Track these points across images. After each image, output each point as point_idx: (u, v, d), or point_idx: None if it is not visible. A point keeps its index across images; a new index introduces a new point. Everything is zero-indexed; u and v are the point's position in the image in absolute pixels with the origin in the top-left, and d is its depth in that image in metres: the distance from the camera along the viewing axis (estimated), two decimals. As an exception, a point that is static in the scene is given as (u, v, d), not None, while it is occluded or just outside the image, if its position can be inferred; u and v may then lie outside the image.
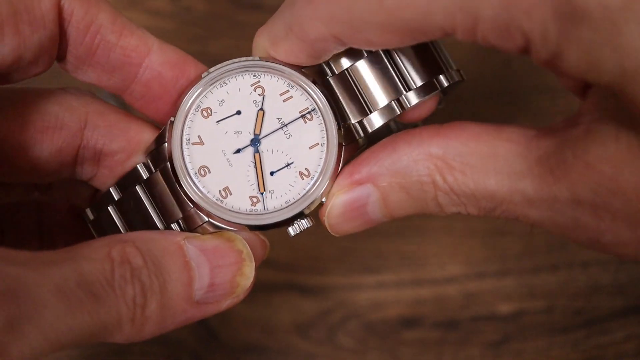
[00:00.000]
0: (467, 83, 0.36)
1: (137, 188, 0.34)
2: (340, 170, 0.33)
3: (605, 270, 0.51)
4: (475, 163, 0.31)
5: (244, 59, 0.34)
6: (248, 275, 0.33)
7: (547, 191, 0.30)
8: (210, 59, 0.38)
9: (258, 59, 0.33)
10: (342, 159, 0.33)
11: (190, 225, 0.33)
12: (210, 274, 0.32)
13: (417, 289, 0.50)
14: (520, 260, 0.51)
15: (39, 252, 0.28)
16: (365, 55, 0.34)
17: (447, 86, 0.34)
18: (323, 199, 0.33)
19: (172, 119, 0.33)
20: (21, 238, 0.39)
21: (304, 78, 0.33)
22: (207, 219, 0.33)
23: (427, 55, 0.34)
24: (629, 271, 0.51)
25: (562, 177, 0.29)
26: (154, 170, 0.33)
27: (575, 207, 0.29)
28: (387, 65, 0.34)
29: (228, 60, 0.34)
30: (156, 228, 0.34)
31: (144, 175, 0.34)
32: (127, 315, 0.29)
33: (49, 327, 0.26)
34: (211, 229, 0.33)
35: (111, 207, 0.35)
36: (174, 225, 0.33)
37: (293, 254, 0.50)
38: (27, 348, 0.26)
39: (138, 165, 0.34)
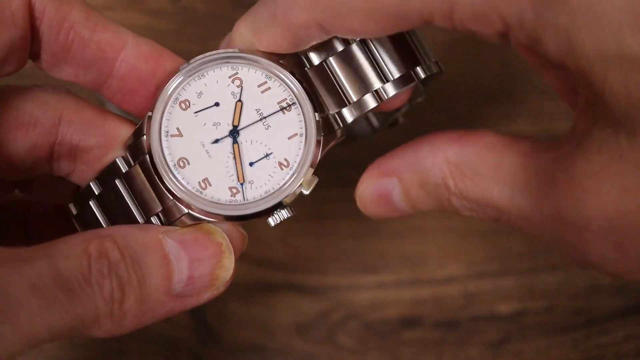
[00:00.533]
0: (466, 84, 0.36)
1: (117, 182, 0.34)
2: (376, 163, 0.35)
3: (605, 270, 0.51)
4: (483, 172, 0.32)
5: (221, 51, 0.34)
6: (227, 267, 0.33)
7: (536, 207, 0.30)
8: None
9: (236, 50, 0.34)
10: (321, 148, 0.33)
11: (169, 218, 0.33)
12: (189, 267, 0.32)
13: (417, 289, 0.50)
14: (520, 260, 0.51)
15: (15, 248, 0.28)
16: (343, 47, 0.34)
17: (425, 78, 0.34)
18: (302, 189, 0.33)
19: (150, 112, 0.33)
20: (6, 236, 0.39)
21: (282, 69, 0.33)
22: (186, 211, 0.33)
23: (404, 48, 0.34)
24: (629, 271, 0.51)
25: (549, 193, 0.30)
26: (132, 164, 0.33)
27: (560, 225, 0.30)
28: (364, 58, 0.34)
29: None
30: (136, 222, 0.34)
31: (123, 168, 0.34)
32: (105, 310, 0.29)
33: (24, 324, 0.26)
34: (190, 222, 0.33)
35: (92, 201, 0.35)
36: (153, 219, 0.33)
37: (293, 254, 0.50)
38: (1, 345, 0.26)
39: (117, 159, 0.34)
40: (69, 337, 0.29)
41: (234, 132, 0.33)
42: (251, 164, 0.33)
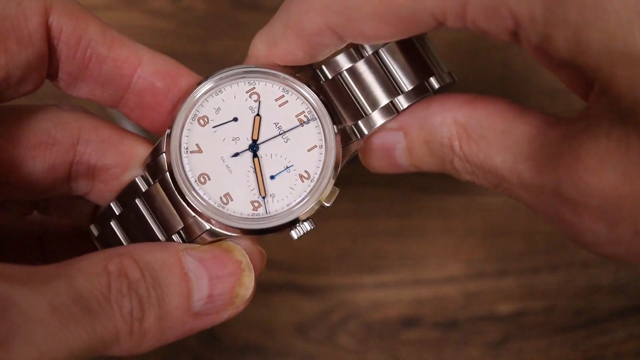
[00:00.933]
0: (466, 84, 0.36)
1: (137, 201, 0.34)
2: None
3: (605, 270, 0.51)
4: (490, 137, 0.32)
5: (238, 66, 0.34)
6: (247, 285, 0.33)
7: (537, 179, 0.31)
8: (210, 59, 0.38)
9: (252, 65, 0.34)
10: (342, 159, 0.33)
11: (190, 236, 0.33)
12: (209, 285, 0.32)
13: (417, 289, 0.50)
14: (520, 260, 0.51)
15: (34, 267, 0.28)
16: (357, 59, 0.34)
17: (438, 89, 0.34)
18: (324, 202, 0.33)
19: (168, 130, 0.33)
20: (24, 257, 0.39)
21: (298, 82, 0.34)
22: (207, 227, 0.33)
23: (417, 59, 0.34)
24: (629, 271, 0.51)
25: (553, 168, 0.30)
26: (152, 183, 0.33)
27: (557, 200, 0.30)
28: (378, 70, 0.34)
29: (225, 66, 0.34)
30: (157, 240, 0.34)
31: (143, 188, 0.34)
32: (125, 329, 0.29)
33: (42, 343, 0.26)
34: (210, 239, 0.33)
35: (113, 222, 0.35)
36: (174, 237, 0.33)
37: (293, 254, 0.50)
38: None
39: (137, 179, 0.34)
40: (89, 356, 0.28)
41: (254, 146, 0.33)
42: (272, 177, 0.33)
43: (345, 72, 0.34)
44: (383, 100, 0.34)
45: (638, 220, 0.28)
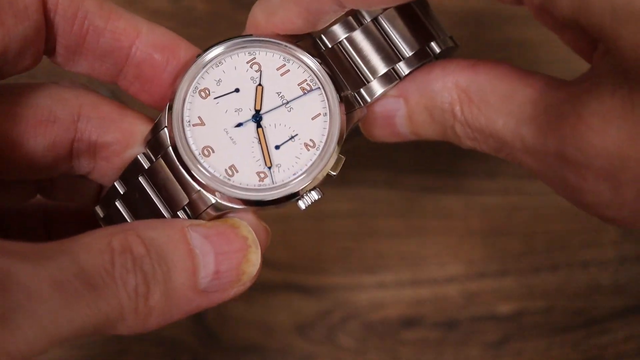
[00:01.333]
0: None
1: (140, 179, 0.33)
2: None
3: (605, 270, 0.51)
4: (492, 101, 0.32)
5: (236, 37, 0.34)
6: (254, 262, 0.32)
7: (541, 142, 0.30)
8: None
9: (251, 35, 0.33)
10: (346, 126, 0.33)
11: (195, 211, 0.33)
12: (215, 261, 0.31)
13: (417, 289, 0.50)
14: (520, 260, 0.51)
15: (35, 243, 0.28)
16: (357, 27, 0.34)
17: (440, 52, 0.34)
18: (330, 170, 0.33)
19: (169, 104, 0.33)
20: (27, 240, 0.38)
21: (299, 50, 0.33)
22: (212, 201, 0.32)
23: (417, 24, 0.34)
24: (629, 271, 0.51)
25: (556, 129, 0.29)
26: (154, 159, 0.33)
27: (561, 162, 0.30)
28: (378, 37, 0.34)
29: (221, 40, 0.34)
30: (163, 217, 0.33)
31: (145, 165, 0.33)
32: (130, 305, 0.28)
33: (46, 320, 0.26)
34: (215, 213, 0.33)
35: (118, 201, 0.34)
36: (180, 213, 0.33)
37: (293, 254, 0.50)
38: (22, 341, 0.25)
39: (138, 156, 0.34)
40: (93, 334, 0.28)
41: (257, 117, 0.33)
42: (277, 147, 0.33)
43: (344, 40, 0.34)
44: (383, 67, 0.34)
45: None
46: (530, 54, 0.51)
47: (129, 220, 0.34)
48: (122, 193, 0.34)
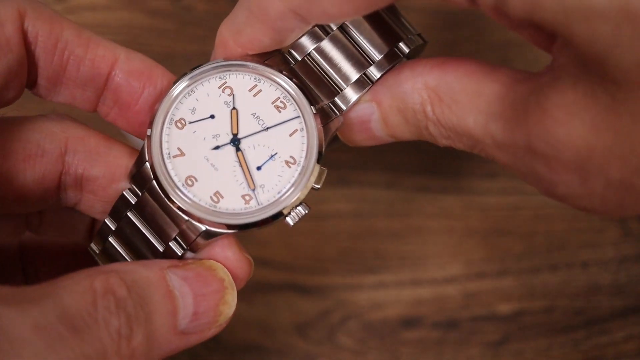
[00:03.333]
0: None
1: (129, 214, 0.34)
2: None
3: (605, 270, 0.51)
4: (461, 99, 0.32)
5: (205, 64, 0.34)
6: (230, 303, 0.33)
7: (510, 137, 0.30)
8: (210, 58, 0.38)
9: (220, 60, 0.34)
10: (325, 138, 0.33)
11: (187, 241, 0.33)
12: (194, 303, 0.32)
13: (417, 289, 0.50)
14: (520, 260, 0.51)
15: (18, 287, 0.27)
16: (324, 37, 0.34)
17: (409, 52, 0.34)
18: (314, 184, 0.33)
19: (147, 136, 0.33)
20: (3, 275, 0.38)
21: (268, 69, 0.33)
22: (203, 229, 0.33)
23: (383, 26, 0.34)
24: (629, 271, 0.51)
25: (523, 124, 0.30)
26: (140, 194, 0.33)
27: (531, 156, 0.30)
28: (346, 44, 0.34)
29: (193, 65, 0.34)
30: (156, 250, 0.34)
31: (132, 200, 0.34)
32: (112, 347, 0.28)
33: None
34: (206, 241, 0.33)
35: (112, 237, 0.35)
36: (172, 244, 0.33)
37: (292, 254, 0.50)
38: None
39: (124, 192, 0.34)
40: None
41: (235, 140, 0.33)
42: (258, 168, 0.33)
43: (313, 51, 0.34)
44: (355, 73, 0.34)
45: (608, 171, 0.28)
46: (530, 54, 0.51)
47: (124, 254, 0.35)
48: (113, 229, 0.34)
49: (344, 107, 0.34)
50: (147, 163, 0.33)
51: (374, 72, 0.34)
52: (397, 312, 0.50)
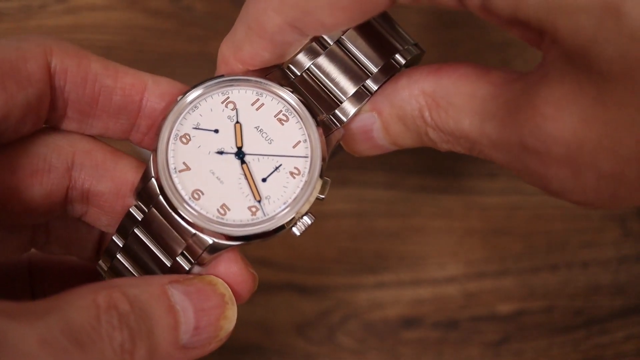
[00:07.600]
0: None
1: (136, 231, 0.34)
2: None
3: (605, 270, 0.51)
4: (457, 103, 0.32)
5: (207, 80, 0.34)
6: (231, 318, 0.33)
7: (503, 136, 0.31)
8: (210, 59, 0.38)
9: (222, 76, 0.34)
10: (327, 149, 0.34)
11: (194, 255, 0.33)
12: (195, 317, 0.32)
13: (417, 289, 0.50)
14: (520, 260, 0.51)
15: (24, 302, 0.28)
16: (321, 52, 0.35)
17: (405, 63, 0.35)
18: (318, 194, 0.33)
19: (153, 153, 0.33)
20: (11, 292, 0.38)
21: (270, 82, 0.34)
22: (209, 242, 0.33)
23: (378, 39, 0.35)
24: (629, 271, 0.51)
25: (515, 122, 0.30)
26: (146, 210, 0.34)
27: (524, 153, 0.30)
28: (344, 57, 0.35)
29: (196, 81, 0.34)
30: (163, 266, 0.34)
31: (139, 217, 0.34)
32: None
33: None
34: (212, 255, 0.33)
35: (119, 254, 0.35)
36: (179, 259, 0.34)
37: (293, 254, 0.50)
38: None
39: (131, 209, 0.34)
40: None
41: (240, 153, 0.34)
42: (264, 180, 0.33)
43: (312, 66, 0.35)
44: (353, 87, 0.35)
45: (598, 163, 0.28)
46: (529, 54, 0.51)
47: (132, 271, 0.35)
48: (121, 246, 0.35)
49: (344, 119, 0.35)
50: (153, 179, 0.33)
51: (372, 84, 0.35)
52: (397, 312, 0.50)
